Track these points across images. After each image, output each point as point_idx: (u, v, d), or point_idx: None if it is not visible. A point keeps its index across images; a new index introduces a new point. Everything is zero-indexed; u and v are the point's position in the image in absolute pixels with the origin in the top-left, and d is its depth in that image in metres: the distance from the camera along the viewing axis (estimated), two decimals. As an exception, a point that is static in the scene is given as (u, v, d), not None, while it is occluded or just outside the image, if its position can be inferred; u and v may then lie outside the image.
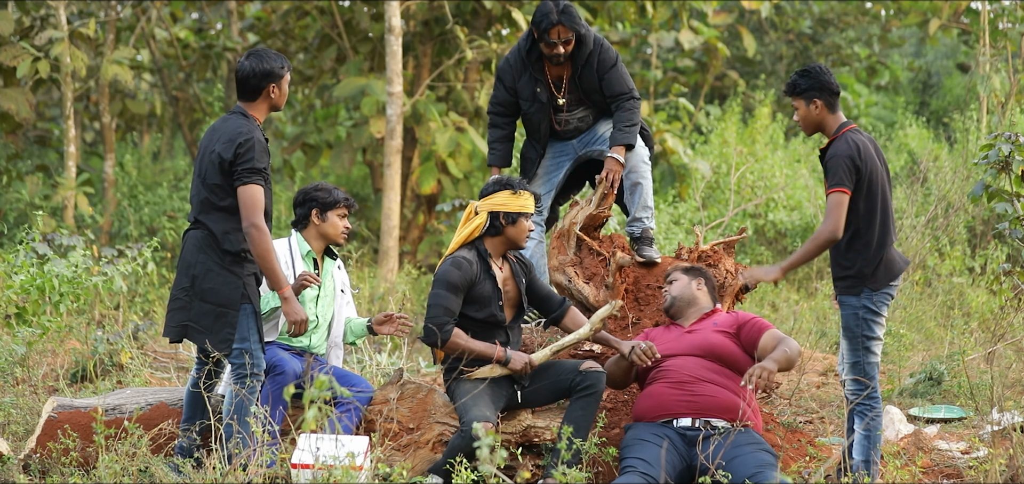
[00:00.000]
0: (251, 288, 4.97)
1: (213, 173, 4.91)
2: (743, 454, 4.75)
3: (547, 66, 5.95)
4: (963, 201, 10.10)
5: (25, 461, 5.34)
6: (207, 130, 5.08)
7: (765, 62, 18.29)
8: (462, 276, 5.09)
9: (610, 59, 5.90)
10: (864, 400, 4.95)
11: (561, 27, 5.76)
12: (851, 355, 4.93)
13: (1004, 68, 12.81)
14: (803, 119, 5.04)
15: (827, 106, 4.99)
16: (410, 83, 13.31)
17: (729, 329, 5.18)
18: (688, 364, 5.06)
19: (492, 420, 4.87)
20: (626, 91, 5.90)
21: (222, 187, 4.90)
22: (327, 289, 5.57)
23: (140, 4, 14.64)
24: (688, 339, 5.17)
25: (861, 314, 4.88)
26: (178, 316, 4.98)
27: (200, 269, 4.92)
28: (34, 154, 15.01)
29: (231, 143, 4.87)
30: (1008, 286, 7.08)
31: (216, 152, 4.90)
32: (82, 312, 8.98)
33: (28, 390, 6.78)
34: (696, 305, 5.30)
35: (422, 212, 13.68)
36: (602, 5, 13.78)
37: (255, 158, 4.85)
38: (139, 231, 12.65)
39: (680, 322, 5.31)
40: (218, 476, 4.57)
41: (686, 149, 13.08)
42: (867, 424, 4.91)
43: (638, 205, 5.89)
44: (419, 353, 8.26)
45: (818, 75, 4.99)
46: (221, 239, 4.91)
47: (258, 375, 4.95)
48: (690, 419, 4.95)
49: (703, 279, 5.36)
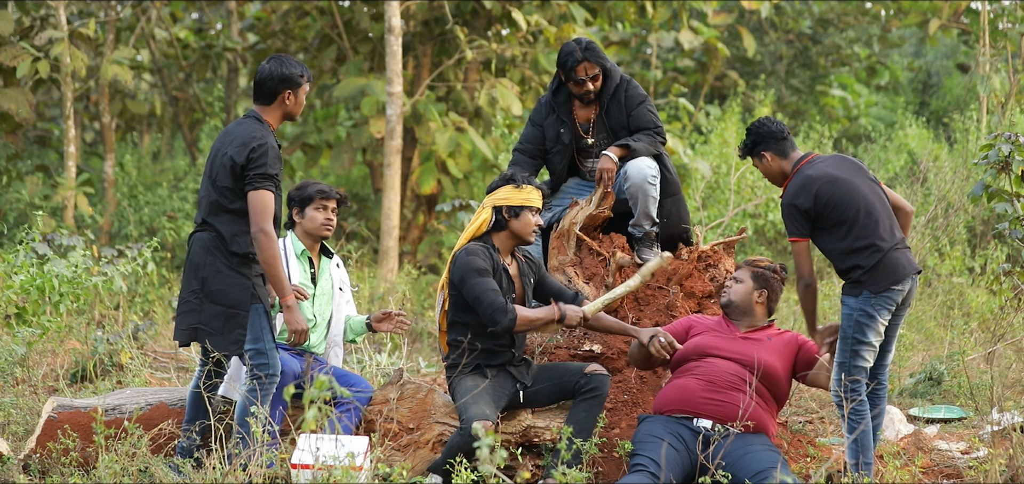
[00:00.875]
0: (260, 288, 4.97)
1: (224, 176, 4.90)
2: (752, 452, 4.76)
3: (575, 108, 5.94)
4: (963, 201, 10.09)
5: (25, 461, 5.34)
6: (220, 133, 5.08)
7: (765, 62, 18.29)
8: (483, 260, 5.07)
9: (638, 96, 5.88)
10: (851, 400, 4.95)
11: (587, 63, 5.78)
12: (839, 354, 4.93)
13: (1004, 68, 12.81)
14: (765, 173, 5.12)
15: (778, 153, 5.06)
16: (410, 83, 13.31)
17: (787, 349, 5.17)
18: (728, 369, 5.03)
19: (492, 419, 4.86)
20: (651, 126, 5.87)
21: (232, 190, 4.90)
22: (324, 288, 5.57)
23: (140, 4, 14.64)
24: (738, 345, 5.12)
25: (855, 316, 4.87)
26: (188, 319, 4.97)
27: (209, 271, 4.92)
28: (34, 154, 15.01)
29: (244, 147, 4.87)
30: (1008, 286, 7.07)
31: (228, 155, 4.89)
32: (82, 312, 8.98)
33: (28, 390, 6.78)
34: (751, 317, 5.24)
35: (422, 212, 13.68)
36: (602, 5, 13.78)
37: (267, 164, 4.85)
38: (139, 231, 12.64)
39: (734, 322, 5.28)
40: (218, 476, 4.57)
41: (686, 149, 13.08)
42: (852, 424, 4.90)
43: (639, 214, 5.86)
44: (419, 353, 8.26)
45: (758, 130, 5.07)
46: (229, 241, 4.90)
47: (275, 376, 4.95)
48: (710, 422, 4.94)
49: (767, 292, 5.25)
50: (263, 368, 4.90)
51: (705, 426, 4.93)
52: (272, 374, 4.93)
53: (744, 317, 5.23)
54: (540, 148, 6.00)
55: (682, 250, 6.01)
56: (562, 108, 5.94)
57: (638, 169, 5.77)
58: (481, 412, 4.85)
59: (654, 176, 5.77)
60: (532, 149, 6.00)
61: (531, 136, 6.00)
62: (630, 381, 5.59)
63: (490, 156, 12.22)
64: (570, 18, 12.82)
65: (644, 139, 5.81)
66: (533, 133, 6.00)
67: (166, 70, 16.01)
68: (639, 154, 5.80)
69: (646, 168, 5.77)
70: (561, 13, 12.89)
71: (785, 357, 5.13)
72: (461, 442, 4.82)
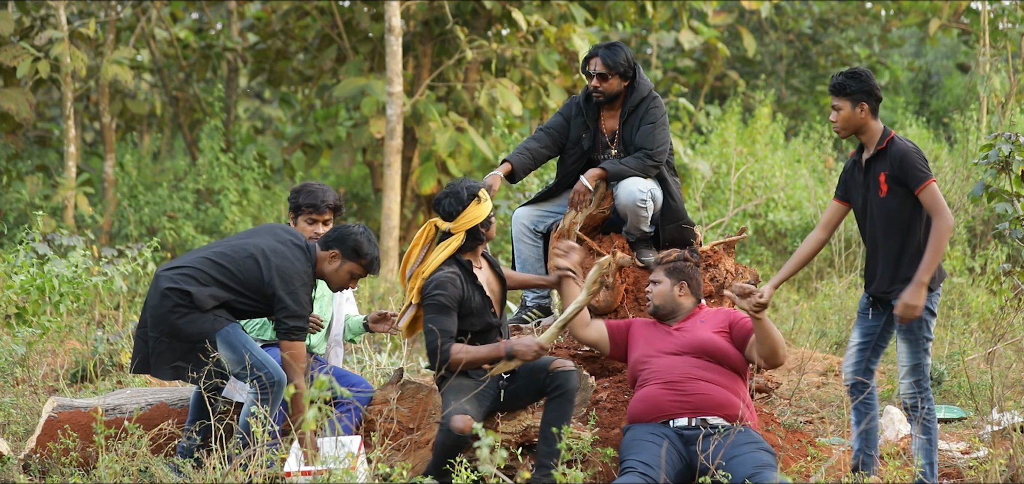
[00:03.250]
0: (220, 316, 4.96)
1: (254, 284, 4.94)
2: (742, 454, 4.75)
3: (603, 118, 5.88)
4: (963, 201, 10.10)
5: (25, 461, 5.35)
6: (264, 228, 5.12)
7: (765, 62, 18.30)
8: (450, 296, 4.98)
9: (651, 115, 5.76)
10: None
11: (597, 60, 5.73)
12: (912, 358, 4.89)
13: (1004, 68, 12.82)
14: (845, 120, 5.00)
15: (872, 111, 4.98)
16: (410, 83, 13.31)
17: (721, 326, 5.17)
18: (679, 363, 5.04)
19: (471, 414, 4.82)
20: (648, 147, 5.73)
21: (247, 296, 4.95)
22: (325, 289, 5.57)
23: (140, 4, 14.65)
24: (677, 337, 5.14)
25: (924, 315, 4.87)
26: (166, 358, 4.96)
27: (173, 321, 4.91)
28: (34, 154, 15.01)
29: (287, 282, 4.91)
30: (1008, 286, 7.07)
31: (271, 281, 4.91)
32: (82, 312, 8.98)
33: (28, 390, 6.78)
34: (680, 311, 5.24)
35: (422, 212, 13.68)
36: (602, 5, 13.79)
37: (304, 310, 4.94)
38: (139, 231, 12.65)
39: (667, 322, 5.30)
40: (218, 476, 4.57)
41: (686, 149, 13.08)
42: (926, 426, 4.92)
43: (630, 227, 5.84)
44: (419, 353, 8.26)
45: (868, 80, 4.98)
46: (198, 301, 4.90)
47: (278, 382, 4.94)
48: (686, 419, 4.95)
49: (685, 282, 5.26)
50: (266, 376, 4.89)
51: (682, 423, 4.94)
52: (276, 381, 4.92)
53: (673, 316, 5.25)
54: (560, 140, 5.93)
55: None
56: (591, 114, 5.90)
57: (627, 192, 5.67)
58: (461, 408, 4.82)
59: (643, 200, 5.65)
60: (554, 136, 5.89)
61: (556, 125, 5.91)
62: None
63: (490, 156, 12.22)
64: (570, 18, 12.83)
65: (631, 161, 5.70)
66: (559, 123, 5.91)
67: (166, 70, 16.01)
68: (623, 177, 5.71)
69: (635, 191, 5.65)
70: (561, 13, 12.89)
71: (720, 331, 5.14)
72: (443, 439, 4.77)
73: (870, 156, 4.98)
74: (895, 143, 4.91)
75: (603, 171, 5.72)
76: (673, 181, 5.83)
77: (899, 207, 4.90)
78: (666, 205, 5.78)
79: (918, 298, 4.79)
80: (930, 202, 4.82)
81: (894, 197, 4.91)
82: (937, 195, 4.83)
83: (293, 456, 4.67)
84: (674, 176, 5.87)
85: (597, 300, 5.76)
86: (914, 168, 4.85)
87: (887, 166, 4.92)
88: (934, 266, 4.80)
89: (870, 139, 4.99)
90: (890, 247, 4.92)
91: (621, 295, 5.78)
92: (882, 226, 4.95)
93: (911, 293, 4.79)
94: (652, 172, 5.75)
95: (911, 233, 4.90)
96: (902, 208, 4.90)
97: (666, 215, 5.79)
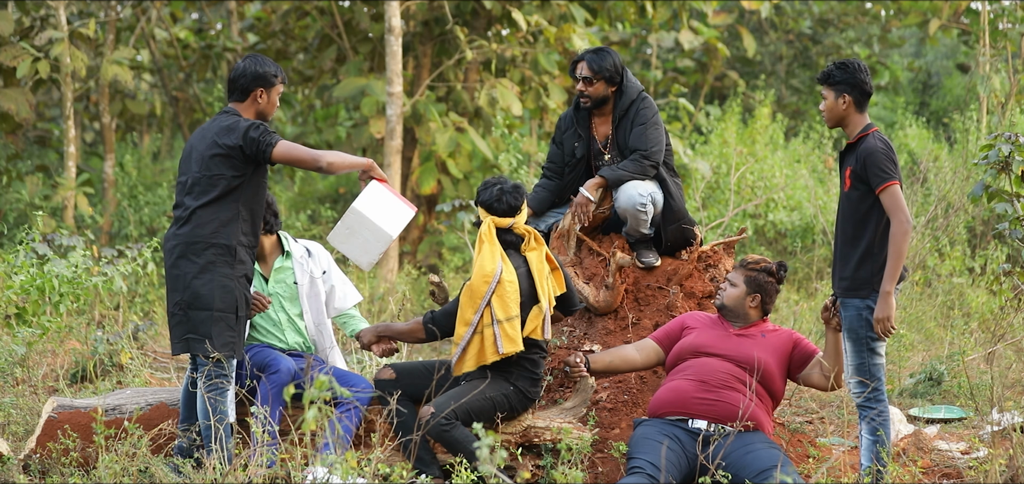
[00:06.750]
0: (240, 294, 4.97)
1: (211, 164, 4.92)
2: (755, 450, 4.76)
3: (595, 124, 5.89)
4: (963, 201, 10.10)
5: (25, 461, 5.35)
6: (195, 131, 5.12)
7: (765, 62, 18.30)
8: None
9: (643, 116, 5.75)
10: (870, 402, 4.92)
11: (583, 64, 5.75)
12: (855, 357, 4.89)
13: (1004, 68, 12.82)
14: (829, 110, 4.99)
15: (855, 104, 4.96)
16: (410, 83, 13.31)
17: (781, 348, 5.13)
18: (721, 367, 5.01)
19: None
20: (643, 148, 5.72)
21: (215, 176, 4.92)
22: (288, 286, 5.54)
23: (140, 4, 14.65)
24: (732, 343, 5.11)
25: (865, 315, 4.85)
26: (179, 330, 4.98)
27: (189, 278, 4.92)
28: (34, 154, 15.02)
29: (231, 131, 4.92)
30: (1008, 286, 7.07)
31: (217, 143, 4.91)
32: (82, 312, 8.98)
33: (28, 390, 6.78)
34: (746, 319, 5.21)
35: (422, 212, 13.68)
36: (602, 5, 13.79)
37: (265, 128, 4.92)
38: (139, 231, 12.65)
39: (728, 321, 5.25)
40: (218, 476, 4.57)
41: (686, 149, 13.08)
42: (874, 426, 4.88)
43: (630, 228, 5.84)
44: (419, 353, 8.26)
45: (855, 72, 4.95)
46: (211, 236, 4.91)
47: (226, 375, 4.96)
48: (706, 423, 4.93)
49: (760, 296, 5.19)
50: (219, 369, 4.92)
51: (701, 427, 4.92)
52: (224, 373, 4.95)
53: (738, 319, 5.23)
54: (562, 167, 5.95)
55: (682, 253, 5.98)
56: (582, 122, 5.91)
57: (627, 196, 5.67)
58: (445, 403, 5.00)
59: (643, 204, 5.65)
60: (556, 168, 5.94)
61: (553, 155, 5.96)
62: (630, 381, 5.59)
63: (490, 156, 12.22)
64: (570, 18, 12.83)
65: (629, 164, 5.71)
66: (554, 152, 5.95)
67: (166, 70, 16.01)
68: (622, 182, 5.72)
69: (635, 195, 5.65)
70: (561, 13, 12.89)
71: (779, 355, 5.11)
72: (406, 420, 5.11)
73: (843, 149, 5.01)
74: (867, 140, 4.90)
75: (603, 179, 5.72)
76: (673, 182, 5.83)
77: (858, 204, 4.89)
78: (667, 206, 5.77)
79: (887, 309, 4.78)
80: (889, 204, 4.80)
81: (855, 193, 4.90)
82: (898, 198, 4.79)
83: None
84: (674, 177, 5.87)
85: (597, 300, 5.76)
86: (877, 167, 4.82)
87: (854, 161, 4.92)
88: (897, 272, 4.78)
89: (850, 132, 4.99)
90: (844, 243, 4.93)
91: (621, 295, 5.78)
92: (840, 220, 4.97)
93: (879, 307, 4.79)
94: (651, 172, 5.75)
95: (864, 232, 4.87)
96: (859, 205, 4.89)
97: (667, 216, 5.79)
